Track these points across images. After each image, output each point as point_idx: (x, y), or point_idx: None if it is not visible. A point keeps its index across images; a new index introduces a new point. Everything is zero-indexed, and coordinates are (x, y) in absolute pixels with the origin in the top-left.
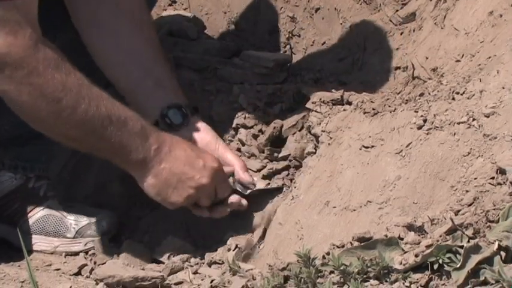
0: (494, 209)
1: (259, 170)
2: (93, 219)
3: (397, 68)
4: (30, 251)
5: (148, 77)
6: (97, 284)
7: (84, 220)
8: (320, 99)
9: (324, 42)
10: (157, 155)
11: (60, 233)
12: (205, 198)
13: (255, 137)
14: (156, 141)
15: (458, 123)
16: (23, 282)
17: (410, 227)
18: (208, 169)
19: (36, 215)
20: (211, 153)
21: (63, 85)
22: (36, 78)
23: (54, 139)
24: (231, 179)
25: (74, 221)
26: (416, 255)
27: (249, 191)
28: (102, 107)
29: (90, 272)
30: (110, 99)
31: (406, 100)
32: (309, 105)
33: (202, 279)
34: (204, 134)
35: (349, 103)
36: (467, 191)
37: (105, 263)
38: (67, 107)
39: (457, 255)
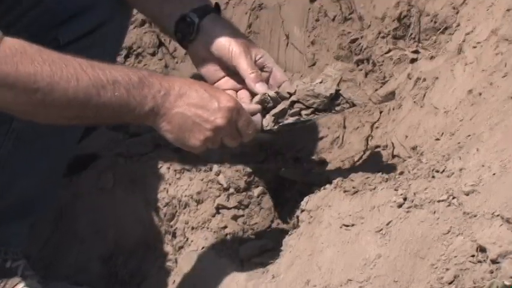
0: (474, 287)
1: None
2: None
3: (377, 146)
4: None
5: None
6: None
7: None
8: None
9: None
10: (166, 101)
11: None
12: (228, 139)
13: (236, 218)
14: (161, 87)
15: (438, 202)
16: None
17: None
18: (224, 110)
19: None
20: (226, 63)
21: (32, 75)
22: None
23: (59, 124)
24: (258, 116)
25: None
26: None
27: (276, 127)
28: (83, 79)
29: None
30: (91, 65)
31: (386, 179)
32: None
33: None
34: (216, 41)
35: (329, 182)
36: (447, 269)
37: None
38: (45, 94)
39: None
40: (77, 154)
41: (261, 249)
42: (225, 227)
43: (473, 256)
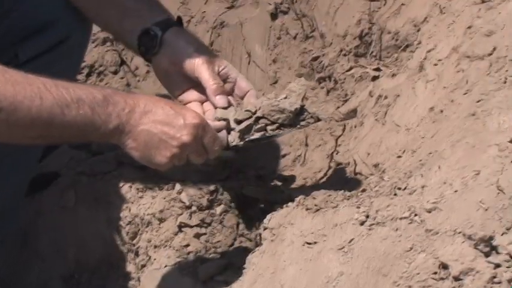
0: None
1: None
2: None
3: (339, 164)
4: None
5: (113, 14)
6: None
7: None
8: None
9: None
10: (131, 118)
11: None
12: (194, 156)
13: (198, 236)
14: (125, 104)
15: (400, 219)
16: None
17: None
18: (190, 126)
19: None
20: (190, 75)
21: None
22: None
23: (24, 144)
24: (223, 132)
25: None
26: None
27: (242, 142)
28: (47, 97)
29: None
30: (55, 84)
31: (348, 196)
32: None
33: None
34: (179, 54)
35: (292, 199)
36: (409, 286)
37: None
38: (8, 114)
39: None
40: (39, 172)
41: (222, 267)
42: (188, 245)
43: (435, 273)
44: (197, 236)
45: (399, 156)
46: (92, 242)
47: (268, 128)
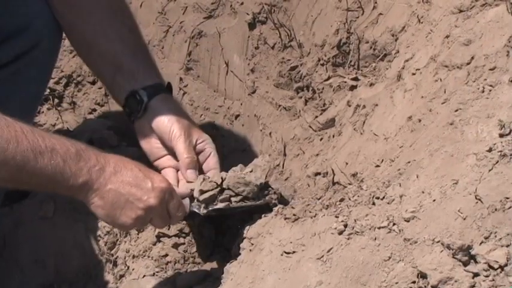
0: None
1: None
2: None
3: (317, 173)
4: None
5: (108, 67)
6: None
7: None
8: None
9: (245, 149)
10: (100, 176)
11: None
12: (157, 220)
13: (177, 246)
14: (97, 162)
15: (379, 228)
16: None
17: None
18: (157, 190)
19: None
20: (167, 144)
21: None
22: None
23: None
24: (187, 200)
25: None
26: None
27: (205, 211)
28: (23, 142)
29: None
30: (31, 130)
31: (327, 205)
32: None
33: None
34: (160, 122)
35: (270, 209)
36: None
37: None
38: None
39: None
40: None
41: (201, 277)
42: (166, 255)
43: (414, 282)
44: (175, 246)
45: (377, 166)
46: (71, 252)
47: (232, 199)
